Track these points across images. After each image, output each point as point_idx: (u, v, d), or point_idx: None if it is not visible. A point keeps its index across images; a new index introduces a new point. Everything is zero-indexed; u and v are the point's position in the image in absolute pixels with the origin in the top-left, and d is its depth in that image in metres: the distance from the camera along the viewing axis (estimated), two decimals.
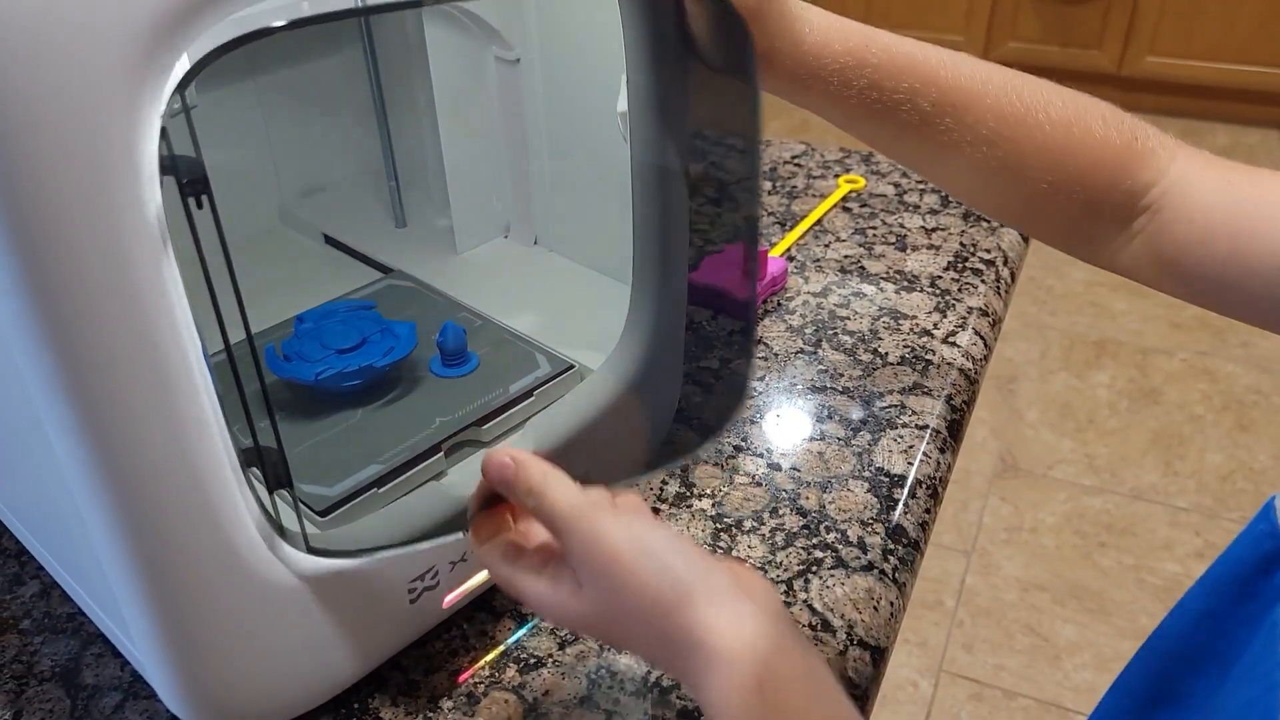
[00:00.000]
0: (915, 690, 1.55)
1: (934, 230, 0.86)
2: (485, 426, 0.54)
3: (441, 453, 0.52)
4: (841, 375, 0.71)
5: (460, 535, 0.45)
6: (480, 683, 0.51)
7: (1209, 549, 1.72)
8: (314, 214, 0.72)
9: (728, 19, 0.40)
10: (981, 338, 0.75)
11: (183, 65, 0.31)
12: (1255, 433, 1.93)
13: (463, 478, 0.52)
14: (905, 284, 0.80)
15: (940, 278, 0.80)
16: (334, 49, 0.70)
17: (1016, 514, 1.81)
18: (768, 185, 0.93)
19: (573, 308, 0.63)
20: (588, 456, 0.55)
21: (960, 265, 0.81)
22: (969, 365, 0.72)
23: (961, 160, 0.49)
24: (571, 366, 0.57)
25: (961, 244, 0.84)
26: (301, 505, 0.47)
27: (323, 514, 0.47)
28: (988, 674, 1.56)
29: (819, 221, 0.87)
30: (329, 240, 0.71)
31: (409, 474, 0.50)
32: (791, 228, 0.87)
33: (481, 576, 0.54)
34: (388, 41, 0.66)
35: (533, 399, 0.55)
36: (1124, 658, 1.62)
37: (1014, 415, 2.02)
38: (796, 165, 0.96)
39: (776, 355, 0.73)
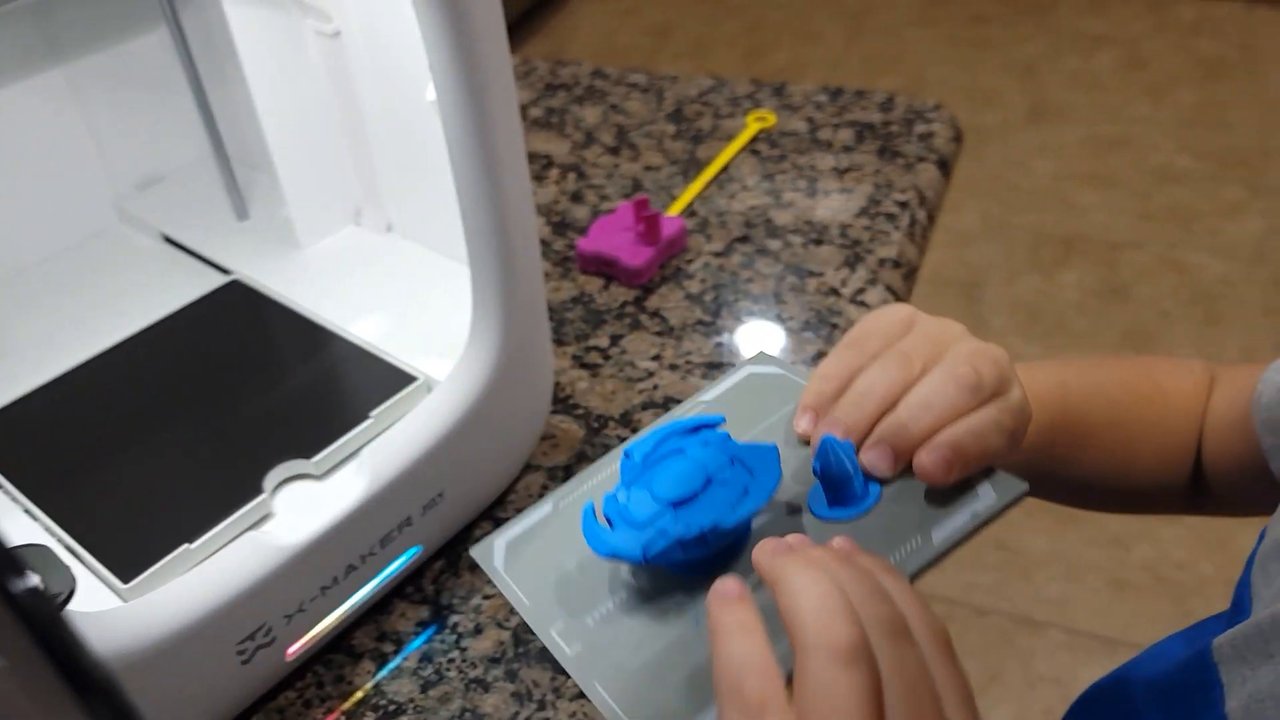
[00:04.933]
0: None
1: (846, 171, 0.79)
2: (316, 458, 0.48)
3: (264, 493, 0.47)
4: (740, 349, 0.66)
5: None
6: None
7: None
8: (152, 210, 0.66)
9: None
10: (893, 292, 0.69)
11: None
12: (1224, 325, 1.89)
13: (289, 519, 0.47)
14: (814, 236, 0.74)
15: (851, 226, 0.74)
16: (143, 28, 0.63)
17: None
18: (672, 129, 0.86)
19: (423, 306, 0.57)
20: (441, 476, 0.50)
21: (873, 210, 0.75)
22: None
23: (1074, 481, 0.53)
24: (415, 379, 0.52)
25: (875, 185, 0.78)
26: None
27: None
28: (958, 592, 1.55)
29: (725, 168, 0.81)
30: (168, 239, 0.65)
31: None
32: (695, 176, 0.80)
33: (334, 618, 0.49)
34: (192, 18, 0.59)
35: (370, 421, 0.50)
36: (1096, 567, 1.61)
37: (980, 322, 1.97)
38: (704, 104, 0.89)
39: (672, 329, 0.68)
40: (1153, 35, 2.70)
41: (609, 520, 0.39)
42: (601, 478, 0.44)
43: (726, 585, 0.31)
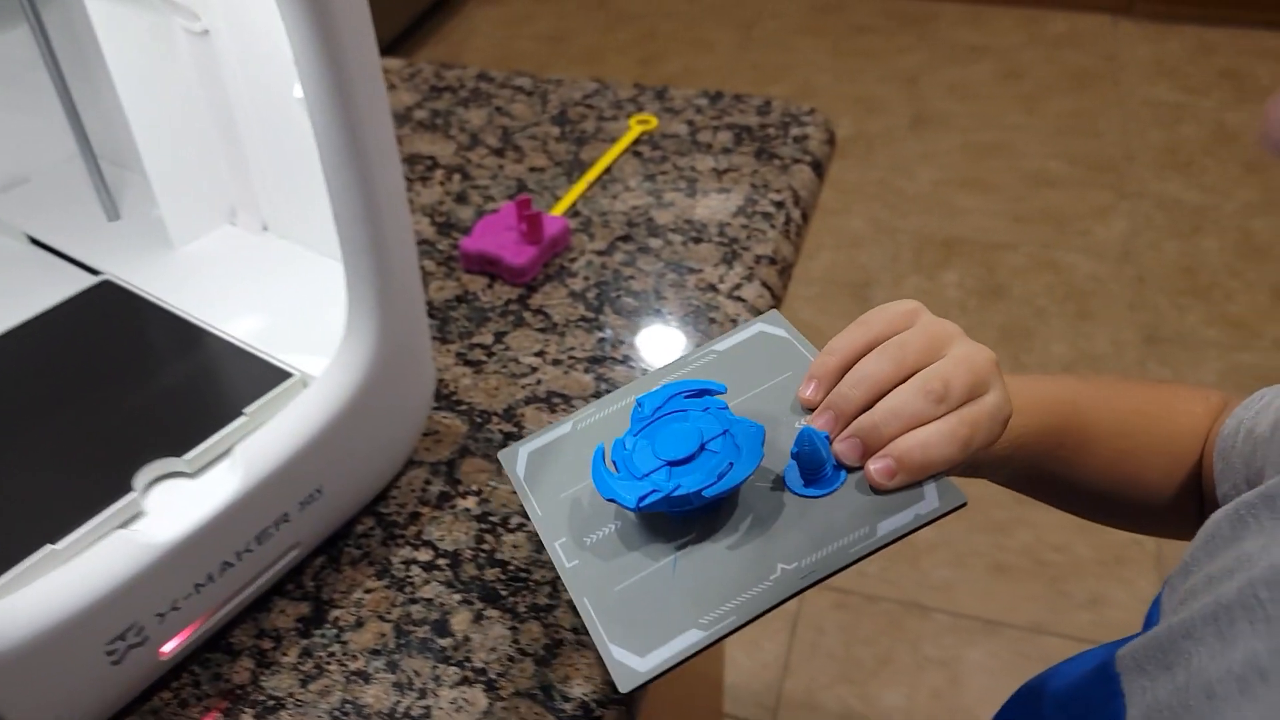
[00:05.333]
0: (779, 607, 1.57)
1: (725, 171, 0.82)
2: (188, 456, 0.48)
3: (134, 492, 0.46)
4: (622, 342, 0.67)
5: None
6: None
7: None
8: (16, 212, 0.64)
9: None
10: (769, 288, 0.72)
11: None
12: (1095, 320, 1.99)
13: (160, 517, 0.47)
14: (693, 235, 0.76)
15: (729, 225, 0.76)
16: (2, 24, 0.61)
17: None
18: (555, 131, 0.88)
19: (299, 304, 0.57)
20: (319, 473, 0.51)
21: (750, 209, 0.78)
22: None
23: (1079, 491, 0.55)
24: (290, 376, 0.52)
25: (753, 185, 0.80)
26: None
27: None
28: (850, 581, 1.60)
29: (608, 169, 0.83)
30: (35, 241, 0.63)
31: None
32: (579, 178, 0.82)
33: (207, 617, 0.49)
34: (54, 15, 0.58)
35: (244, 418, 0.50)
36: (979, 552, 1.67)
37: None
38: (588, 106, 0.91)
39: (556, 326, 0.69)
40: (1026, 47, 2.83)
41: (615, 464, 0.44)
42: (615, 409, 0.50)
43: None
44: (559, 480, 0.47)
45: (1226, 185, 2.30)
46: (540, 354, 0.67)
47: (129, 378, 0.53)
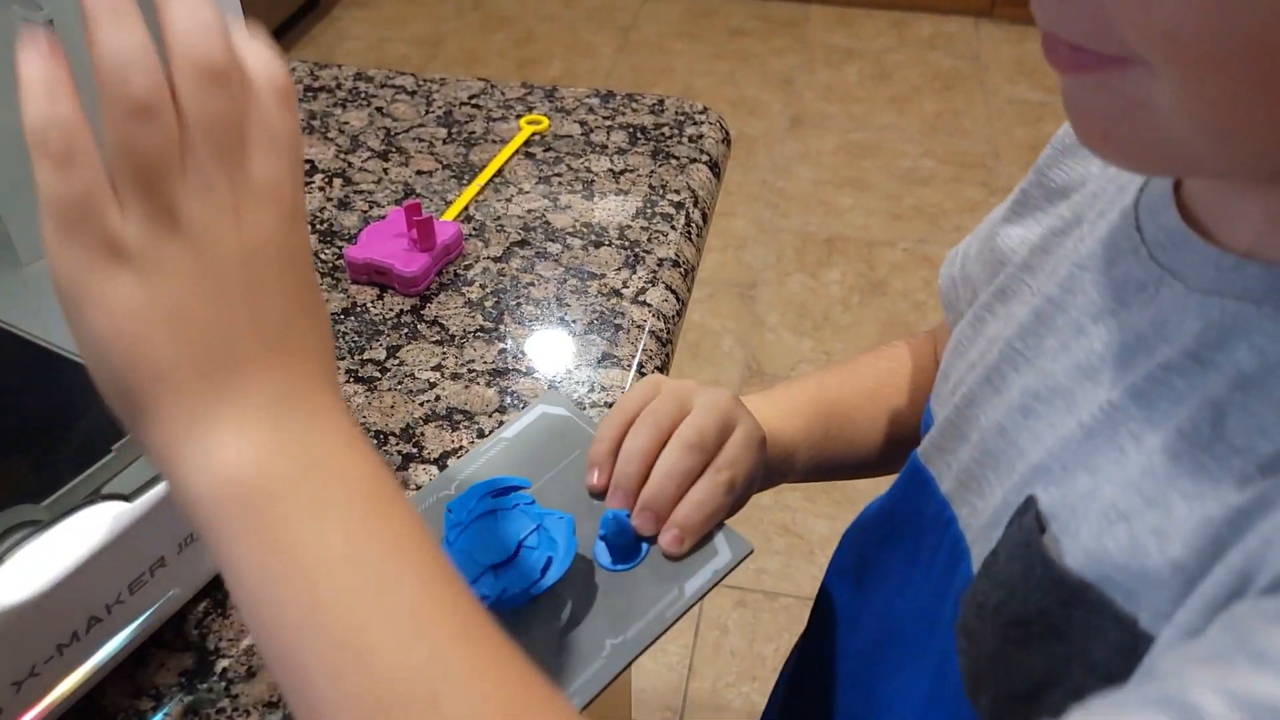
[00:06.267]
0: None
1: (622, 172, 0.79)
2: (47, 501, 0.43)
3: None
4: (524, 354, 0.64)
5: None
6: None
7: None
8: None
9: None
10: (674, 292, 0.69)
11: None
12: None
13: (13, 572, 0.41)
14: (593, 238, 0.73)
15: (629, 227, 0.74)
16: None
17: None
18: (443, 133, 0.84)
19: None
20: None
21: (650, 211, 0.75)
22: (660, 326, 0.66)
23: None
24: None
25: (650, 185, 0.78)
26: None
27: None
28: (749, 579, 1.59)
29: (499, 172, 0.79)
30: None
31: None
32: (469, 181, 0.78)
33: (76, 679, 0.43)
34: None
35: (112, 455, 0.45)
36: None
37: (756, 321, 2.04)
38: (474, 107, 0.87)
39: (453, 337, 0.65)
40: (895, 49, 2.91)
41: None
42: (424, 508, 0.49)
43: None
44: None
45: None
46: (438, 368, 0.63)
47: None
